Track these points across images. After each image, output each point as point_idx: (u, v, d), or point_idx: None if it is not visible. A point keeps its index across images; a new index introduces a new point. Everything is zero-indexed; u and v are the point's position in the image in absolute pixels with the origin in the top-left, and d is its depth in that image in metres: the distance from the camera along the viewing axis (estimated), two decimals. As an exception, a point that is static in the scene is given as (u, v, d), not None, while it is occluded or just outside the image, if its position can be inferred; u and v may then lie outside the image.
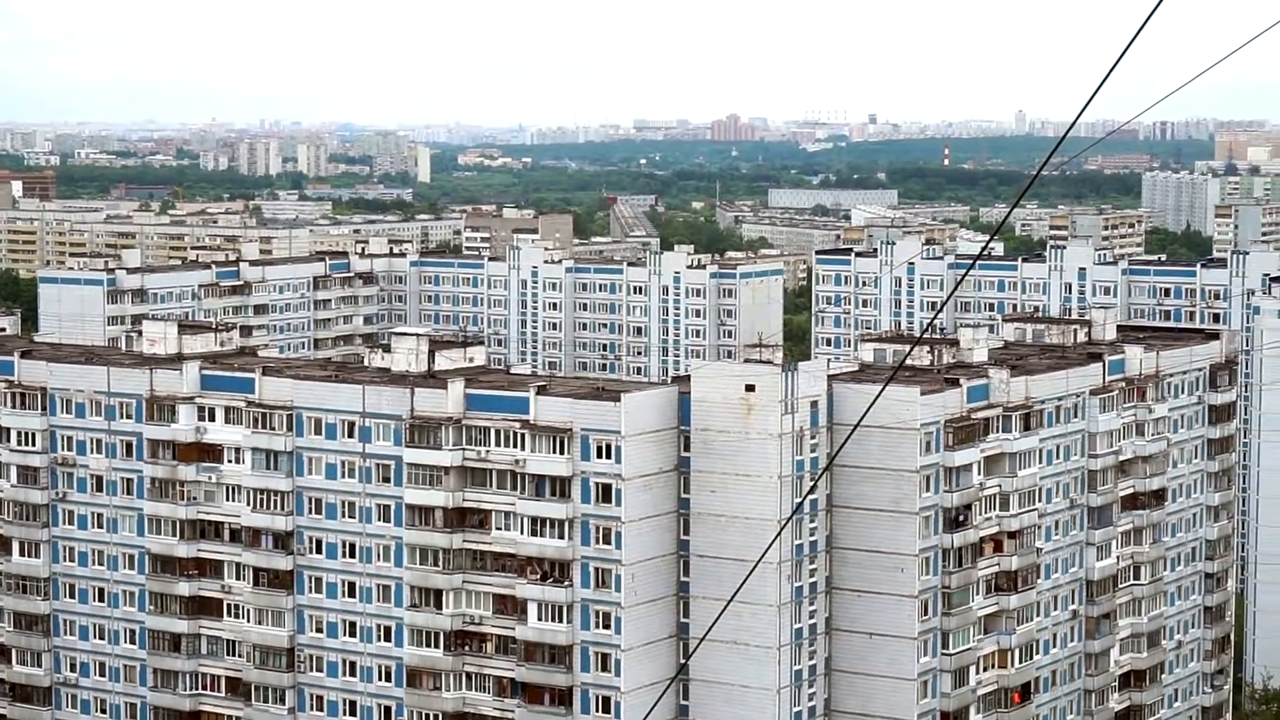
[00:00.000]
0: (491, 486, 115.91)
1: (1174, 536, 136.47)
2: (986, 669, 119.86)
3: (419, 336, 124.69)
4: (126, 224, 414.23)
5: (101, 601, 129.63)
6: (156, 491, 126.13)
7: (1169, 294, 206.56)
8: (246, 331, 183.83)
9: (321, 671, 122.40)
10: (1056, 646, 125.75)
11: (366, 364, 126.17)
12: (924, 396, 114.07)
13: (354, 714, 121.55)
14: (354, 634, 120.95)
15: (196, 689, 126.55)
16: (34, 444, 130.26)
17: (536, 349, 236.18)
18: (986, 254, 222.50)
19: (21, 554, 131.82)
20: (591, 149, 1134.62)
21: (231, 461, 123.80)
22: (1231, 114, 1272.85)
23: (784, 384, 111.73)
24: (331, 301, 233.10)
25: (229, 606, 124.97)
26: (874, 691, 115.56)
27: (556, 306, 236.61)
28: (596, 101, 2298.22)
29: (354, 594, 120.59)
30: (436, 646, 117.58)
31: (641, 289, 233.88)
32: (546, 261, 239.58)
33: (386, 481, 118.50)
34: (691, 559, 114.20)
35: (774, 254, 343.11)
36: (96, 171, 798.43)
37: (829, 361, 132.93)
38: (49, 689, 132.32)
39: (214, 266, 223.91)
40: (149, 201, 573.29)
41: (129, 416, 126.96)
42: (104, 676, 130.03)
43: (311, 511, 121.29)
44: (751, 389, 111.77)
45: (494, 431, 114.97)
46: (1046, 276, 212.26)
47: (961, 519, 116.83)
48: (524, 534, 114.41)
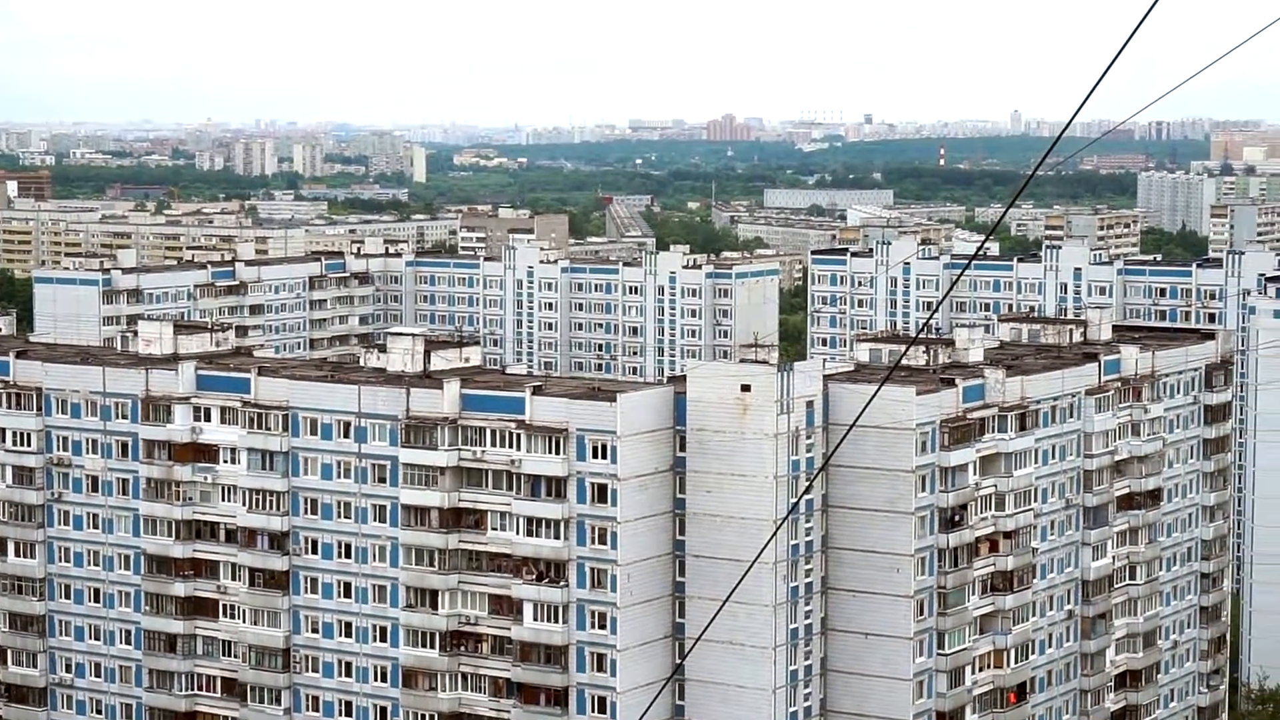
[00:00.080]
0: (487, 487, 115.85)
1: (1170, 536, 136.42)
2: (982, 669, 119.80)
3: (414, 336, 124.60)
4: (122, 224, 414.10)
5: (97, 602, 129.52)
6: (152, 492, 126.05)
7: (1164, 294, 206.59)
8: (242, 331, 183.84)
9: (317, 672, 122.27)
10: (1052, 646, 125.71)
11: (362, 364, 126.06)
12: (919, 396, 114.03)
13: (350, 714, 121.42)
14: (349, 634, 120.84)
15: (192, 689, 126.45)
16: (29, 444, 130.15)
17: (532, 349, 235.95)
18: (982, 254, 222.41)
19: (17, 554, 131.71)
20: (587, 149, 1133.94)
21: (227, 462, 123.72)
22: (1227, 114, 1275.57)
23: (779, 384, 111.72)
24: (327, 301, 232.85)
25: (224, 607, 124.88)
26: (869, 691, 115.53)
27: (552, 306, 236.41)
28: (592, 101, 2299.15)
29: (349, 594, 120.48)
30: (432, 647, 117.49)
31: (637, 289, 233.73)
32: (542, 261, 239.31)
33: (382, 482, 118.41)
34: (687, 559, 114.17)
35: (769, 254, 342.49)
36: (92, 171, 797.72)
37: (824, 361, 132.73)
38: (44, 690, 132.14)
39: (209, 266, 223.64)
40: (144, 201, 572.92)
41: (124, 417, 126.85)
42: (99, 677, 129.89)
43: (307, 512, 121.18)
44: (747, 389, 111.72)
45: (489, 432, 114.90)
46: (1042, 276, 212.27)
47: (957, 519, 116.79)
48: (519, 534, 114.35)
